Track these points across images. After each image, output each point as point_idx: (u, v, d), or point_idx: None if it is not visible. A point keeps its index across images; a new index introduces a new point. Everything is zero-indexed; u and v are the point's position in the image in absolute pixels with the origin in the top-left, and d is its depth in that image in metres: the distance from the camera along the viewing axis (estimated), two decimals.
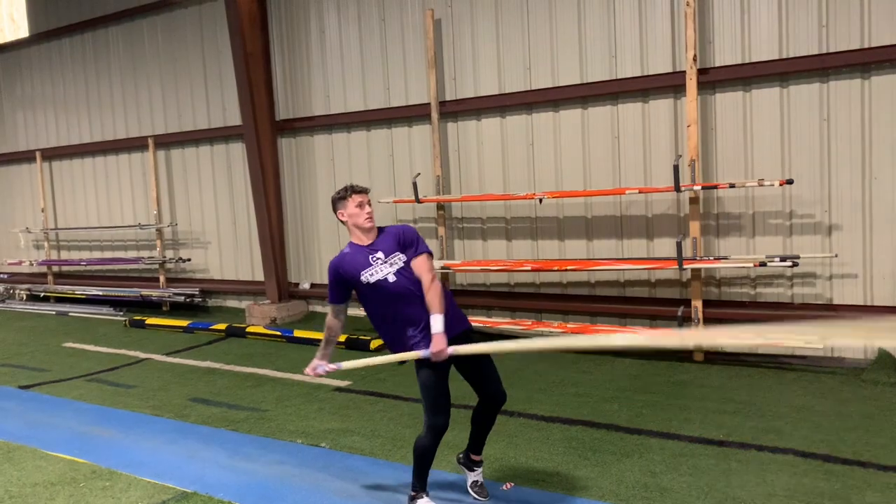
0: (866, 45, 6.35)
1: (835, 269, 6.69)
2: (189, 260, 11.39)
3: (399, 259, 4.07)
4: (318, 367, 4.40)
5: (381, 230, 4.21)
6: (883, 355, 6.44)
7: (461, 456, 4.44)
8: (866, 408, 5.56)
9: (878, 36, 6.30)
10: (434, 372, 3.97)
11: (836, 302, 6.70)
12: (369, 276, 4.03)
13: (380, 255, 4.08)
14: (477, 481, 4.36)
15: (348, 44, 9.46)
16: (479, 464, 4.38)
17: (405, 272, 4.04)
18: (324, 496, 4.50)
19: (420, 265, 4.07)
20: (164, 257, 11.46)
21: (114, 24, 11.80)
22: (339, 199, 4.19)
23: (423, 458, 4.07)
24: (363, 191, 4.17)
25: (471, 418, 4.32)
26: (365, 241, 4.14)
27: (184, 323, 10.06)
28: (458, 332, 4.14)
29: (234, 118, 10.53)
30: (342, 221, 4.20)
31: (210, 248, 11.33)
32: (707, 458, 4.76)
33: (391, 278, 4.01)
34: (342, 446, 5.36)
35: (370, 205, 4.17)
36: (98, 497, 4.64)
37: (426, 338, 3.96)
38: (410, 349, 4.03)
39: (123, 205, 12.28)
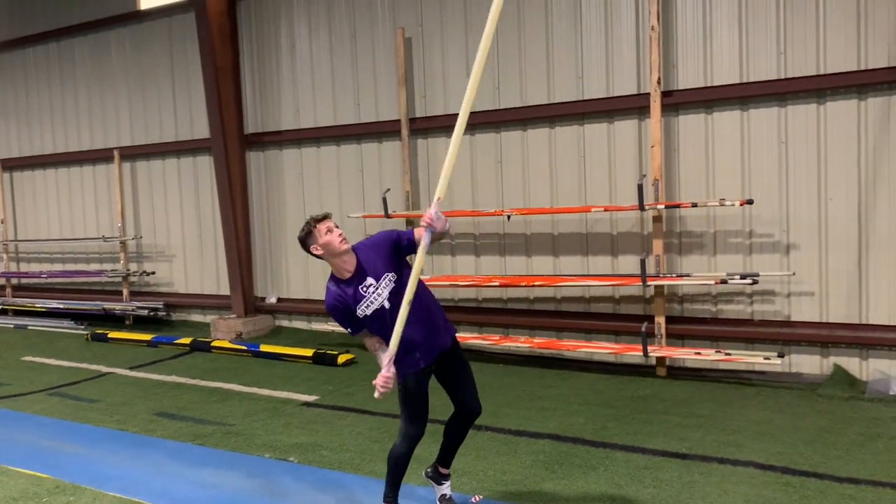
0: (822, 72, 6.60)
1: (792, 286, 6.90)
2: (153, 273, 11.28)
3: (391, 279, 3.94)
4: (383, 374, 3.92)
5: (356, 251, 4.00)
6: (838, 371, 6.66)
7: (429, 470, 4.47)
8: (822, 421, 5.73)
9: (833, 63, 6.56)
10: (415, 381, 4.00)
11: (793, 318, 6.90)
12: (365, 309, 3.93)
13: (370, 281, 3.93)
14: (445, 495, 4.41)
15: (319, 59, 9.51)
16: (447, 477, 4.43)
17: (398, 292, 3.87)
18: None
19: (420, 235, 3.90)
20: (128, 270, 11.32)
21: (80, 35, 11.69)
22: (307, 235, 3.96)
23: (397, 467, 4.12)
24: (325, 217, 3.99)
25: (444, 431, 4.35)
26: (346, 273, 3.95)
27: (148, 337, 9.95)
28: (449, 342, 4.14)
29: (202, 131, 10.49)
30: (318, 256, 3.97)
31: (175, 262, 11.23)
32: (670, 471, 4.87)
33: (386, 304, 3.91)
34: (310, 460, 5.36)
35: (337, 226, 3.99)
36: None
37: (424, 354, 4.00)
38: (411, 363, 4.01)
39: (87, 217, 12.12)
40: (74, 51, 11.87)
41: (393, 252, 3.98)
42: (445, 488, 4.41)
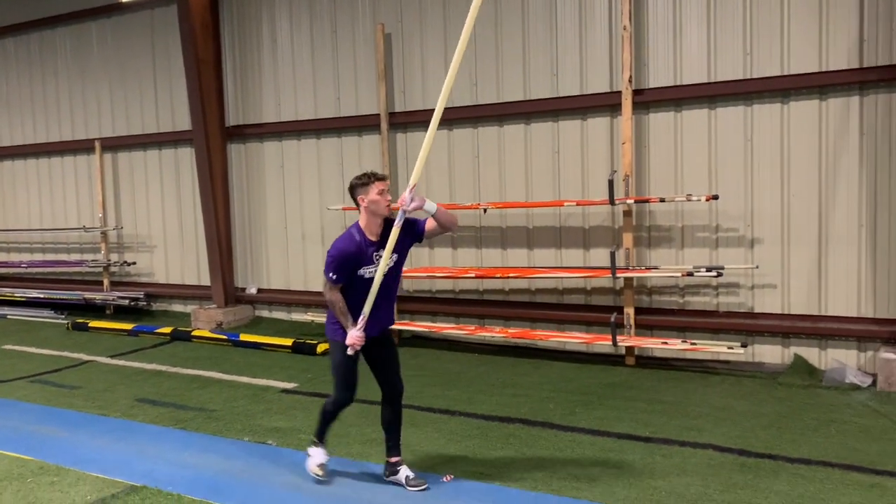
0: (786, 73, 6.86)
1: (756, 279, 7.17)
2: (134, 263, 11.36)
3: (394, 259, 4.38)
4: (355, 331, 4.39)
5: (387, 221, 4.42)
6: (798, 361, 6.94)
7: (386, 471, 4.69)
8: (780, 408, 6.00)
9: (796, 65, 6.82)
10: (346, 354, 4.44)
11: (756, 310, 7.18)
12: (365, 271, 4.36)
13: (381, 252, 4.35)
14: (408, 476, 4.60)
15: (300, 53, 9.65)
16: (400, 464, 4.65)
17: (393, 271, 4.40)
18: (271, 488, 4.69)
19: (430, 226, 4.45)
20: (109, 260, 11.40)
21: (62, 26, 11.72)
22: (361, 185, 4.38)
23: (324, 418, 4.73)
24: (384, 178, 4.46)
25: (381, 423, 4.69)
26: (374, 235, 4.39)
27: (128, 326, 10.05)
28: (380, 331, 4.58)
29: (183, 123, 10.59)
30: (356, 207, 4.41)
31: (156, 252, 11.32)
32: (634, 453, 5.10)
33: (381, 277, 4.33)
34: (288, 444, 5.53)
35: (388, 192, 4.42)
36: (46, 492, 4.73)
37: (370, 327, 4.42)
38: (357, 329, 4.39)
39: (67, 207, 12.16)
40: (56, 41, 11.89)
41: (410, 238, 4.43)
42: (404, 471, 4.62)
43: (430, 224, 4.42)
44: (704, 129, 7.27)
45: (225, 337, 9.23)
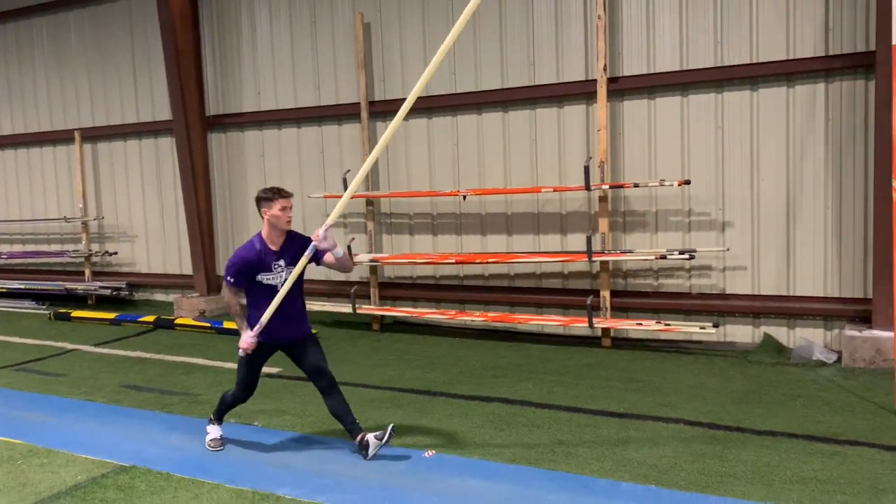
0: (755, 61, 7.07)
1: (727, 261, 7.39)
2: (116, 253, 11.40)
3: (290, 270, 4.76)
4: (249, 336, 4.81)
5: (288, 235, 4.81)
6: (767, 339, 7.19)
7: (360, 451, 4.82)
8: (749, 384, 6.24)
9: (765, 53, 7.03)
10: (250, 356, 4.89)
11: (727, 291, 7.40)
12: (264, 278, 4.77)
13: (282, 262, 4.78)
14: (376, 435, 4.77)
15: (279, 42, 9.72)
16: (365, 436, 4.79)
17: (295, 285, 4.76)
18: (258, 467, 4.82)
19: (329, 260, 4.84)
20: (90, 251, 11.42)
21: (38, 16, 11.68)
22: (265, 199, 4.78)
23: (222, 406, 5.19)
24: (289, 196, 4.80)
25: (332, 413, 4.94)
26: (276, 245, 4.78)
27: (111, 315, 10.11)
28: (299, 336, 4.96)
29: (163, 113, 10.63)
30: (261, 216, 4.80)
31: (137, 242, 11.37)
32: (609, 428, 5.30)
33: (279, 286, 4.74)
34: (274, 425, 5.67)
35: (291, 209, 4.79)
36: (37, 472, 4.83)
37: (271, 334, 4.82)
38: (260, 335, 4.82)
39: (48, 198, 12.15)
40: (33, 32, 11.84)
41: (304, 255, 4.73)
42: (373, 443, 4.77)
43: (329, 258, 4.79)
44: (677, 116, 7.46)
45: (208, 325, 9.33)
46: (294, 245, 4.83)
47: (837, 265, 6.98)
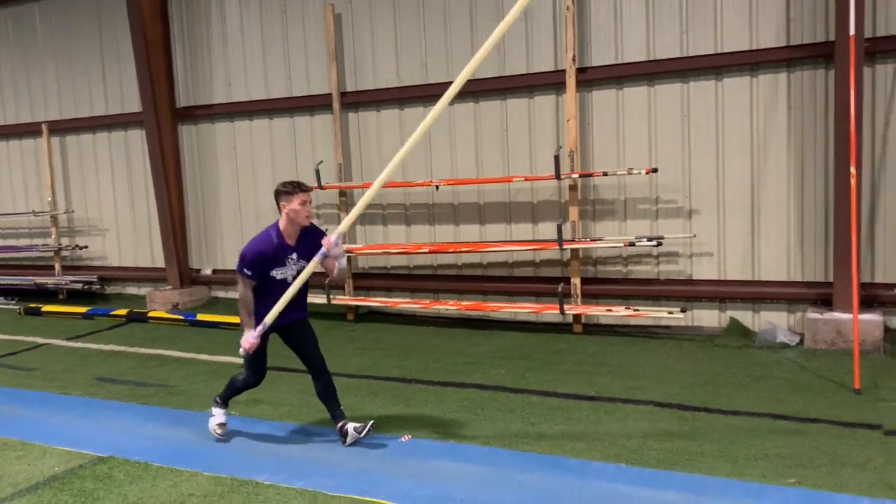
0: (719, 51, 7.22)
1: (694, 248, 7.56)
2: (86, 247, 11.30)
3: (303, 265, 4.72)
4: (252, 336, 4.78)
5: (304, 230, 4.72)
6: (733, 323, 7.38)
7: (340, 437, 4.92)
8: (716, 367, 6.42)
9: (729, 43, 7.18)
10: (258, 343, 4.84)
11: (695, 277, 7.58)
12: (277, 272, 4.70)
13: (295, 256, 4.72)
14: (356, 427, 4.87)
15: (249, 33, 9.69)
16: (346, 425, 4.90)
17: (298, 273, 4.73)
18: (236, 455, 4.88)
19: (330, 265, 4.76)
20: (60, 245, 11.31)
21: (3, 6, 11.49)
22: (285, 193, 4.66)
23: (231, 389, 5.17)
24: (308, 190, 4.72)
25: (318, 398, 5.00)
26: (292, 239, 4.70)
27: (83, 310, 10.04)
28: (294, 319, 4.91)
29: (133, 105, 10.55)
30: (279, 210, 4.70)
31: (108, 235, 11.28)
32: (580, 411, 5.44)
33: (289, 279, 4.72)
34: (251, 414, 5.72)
35: (311, 204, 4.71)
36: (13, 465, 4.84)
37: (277, 320, 4.77)
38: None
39: (15, 192, 11.99)
40: None
41: (315, 251, 4.71)
42: (352, 434, 4.87)
43: (330, 263, 4.73)
44: (644, 106, 7.60)
45: (182, 317, 9.31)
46: (309, 240, 4.75)
47: (800, 250, 7.18)
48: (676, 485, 4.12)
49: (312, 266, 4.68)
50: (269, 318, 4.72)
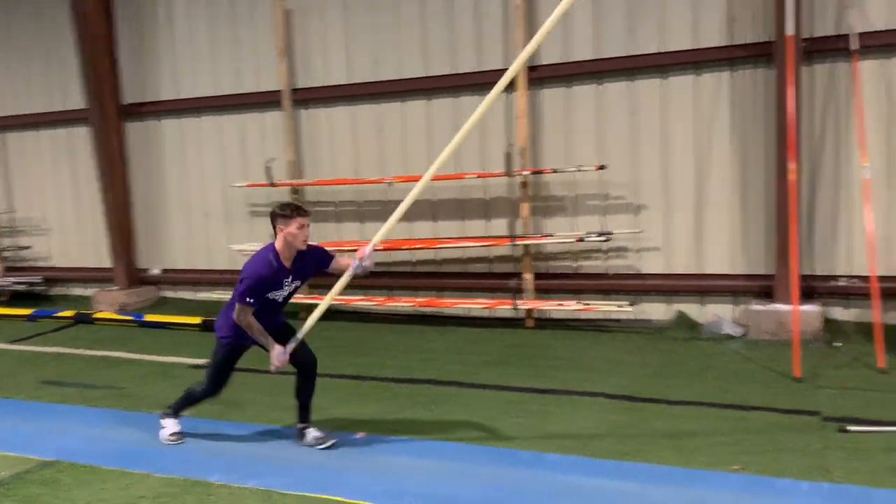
0: (664, 50, 7.39)
1: (642, 243, 7.73)
2: (29, 248, 11.00)
3: (297, 286, 4.70)
4: (282, 353, 4.68)
5: (299, 252, 4.59)
6: (681, 316, 7.57)
7: (297, 436, 4.90)
8: (664, 358, 6.58)
9: (674, 42, 7.35)
10: (229, 357, 4.80)
11: (643, 271, 7.75)
12: (274, 294, 4.62)
13: (291, 279, 4.63)
14: (315, 436, 4.83)
15: (196, 28, 9.54)
16: (307, 428, 4.88)
17: (292, 292, 4.73)
18: (187, 455, 4.82)
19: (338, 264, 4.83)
20: (2, 245, 10.97)
21: None
22: (282, 217, 4.49)
23: (187, 400, 5.04)
24: (307, 213, 4.57)
25: (295, 393, 4.90)
26: (288, 262, 4.57)
27: (27, 311, 9.76)
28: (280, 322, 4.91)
29: (76, 102, 10.29)
30: (274, 233, 4.56)
31: (52, 235, 10.99)
32: (532, 403, 5.52)
33: (281, 300, 4.69)
34: (201, 414, 5.62)
35: (308, 227, 4.55)
36: None
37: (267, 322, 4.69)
38: (247, 337, 4.70)
39: None
40: None
41: (315, 271, 4.79)
42: (311, 433, 4.85)
43: (343, 262, 4.78)
44: (592, 104, 7.73)
45: (130, 318, 9.14)
46: (306, 262, 4.64)
47: (744, 244, 7.39)
48: (626, 474, 4.22)
49: (343, 282, 4.79)
50: (301, 333, 4.76)
